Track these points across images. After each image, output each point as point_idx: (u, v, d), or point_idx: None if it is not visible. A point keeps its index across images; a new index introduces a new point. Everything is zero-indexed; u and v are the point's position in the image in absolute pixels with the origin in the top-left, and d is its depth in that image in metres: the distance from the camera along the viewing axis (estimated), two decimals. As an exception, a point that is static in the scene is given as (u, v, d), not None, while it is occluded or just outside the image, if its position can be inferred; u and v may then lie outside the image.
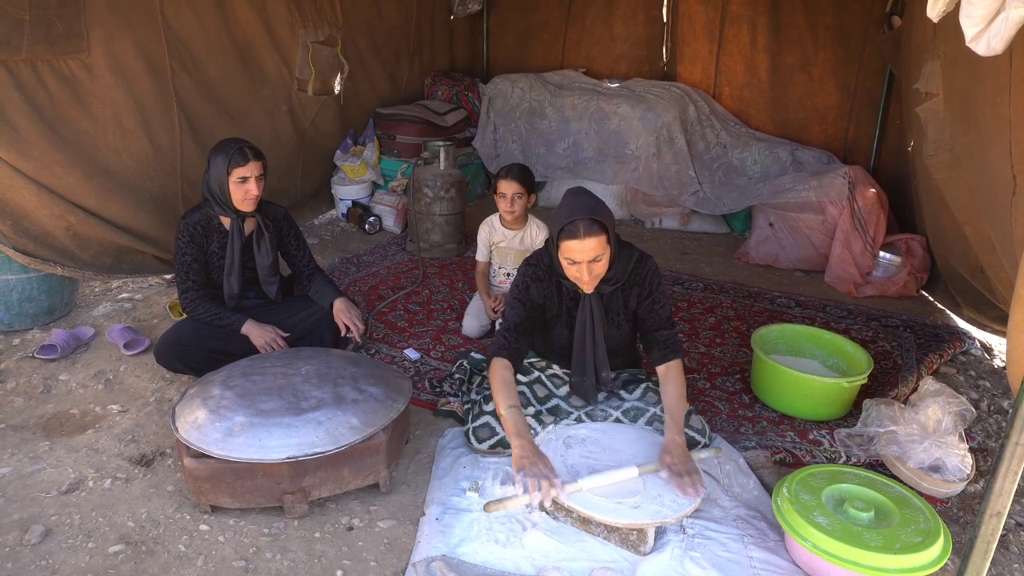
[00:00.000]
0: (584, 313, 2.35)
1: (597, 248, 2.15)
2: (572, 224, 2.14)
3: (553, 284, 2.39)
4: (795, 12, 4.94)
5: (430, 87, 5.70)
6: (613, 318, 2.41)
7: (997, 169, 2.28)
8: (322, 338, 2.94)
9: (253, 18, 3.94)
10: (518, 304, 2.38)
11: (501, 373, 2.26)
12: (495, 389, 2.24)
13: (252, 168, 2.71)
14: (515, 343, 2.34)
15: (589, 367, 2.42)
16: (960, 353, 3.36)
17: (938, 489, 2.31)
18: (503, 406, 2.18)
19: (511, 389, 2.23)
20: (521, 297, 2.38)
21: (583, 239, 2.13)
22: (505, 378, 2.24)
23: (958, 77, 2.81)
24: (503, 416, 2.18)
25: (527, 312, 2.38)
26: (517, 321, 2.36)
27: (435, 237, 4.39)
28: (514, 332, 2.35)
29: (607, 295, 2.37)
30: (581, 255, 2.16)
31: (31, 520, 2.12)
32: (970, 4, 1.41)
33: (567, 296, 2.41)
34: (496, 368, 2.28)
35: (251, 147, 2.75)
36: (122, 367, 2.99)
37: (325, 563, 2.00)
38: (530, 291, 2.38)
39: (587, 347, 2.38)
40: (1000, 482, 1.40)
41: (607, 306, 2.39)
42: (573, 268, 2.21)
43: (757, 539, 2.05)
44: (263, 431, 2.08)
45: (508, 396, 2.20)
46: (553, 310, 2.43)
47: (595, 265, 2.19)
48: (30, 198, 3.05)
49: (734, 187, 4.99)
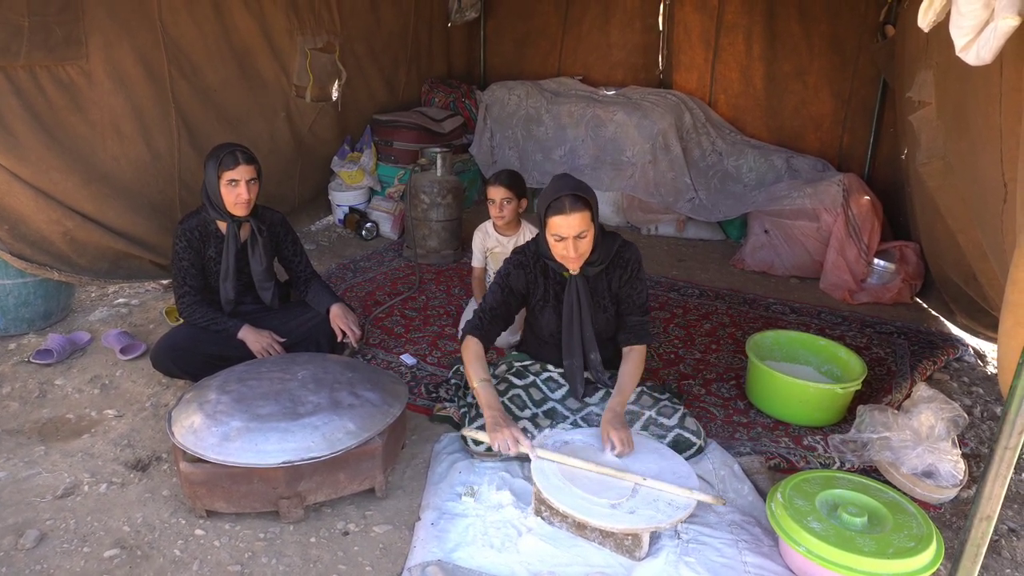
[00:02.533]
0: (571, 295, 2.45)
1: (582, 224, 2.26)
2: (558, 200, 2.26)
3: (539, 269, 2.51)
4: (790, 21, 4.97)
5: (427, 94, 5.71)
6: (599, 300, 2.50)
7: (988, 177, 2.30)
8: (319, 343, 2.94)
9: (251, 25, 3.96)
10: (497, 288, 2.52)
11: (474, 348, 2.43)
12: (467, 363, 2.42)
13: (242, 172, 2.71)
14: (488, 325, 2.50)
15: (576, 348, 2.50)
16: (954, 360, 3.38)
17: (931, 495, 2.32)
18: (476, 379, 2.35)
19: (482, 363, 2.41)
20: (501, 282, 2.52)
21: (568, 214, 2.24)
22: (477, 352, 2.43)
23: (950, 86, 2.83)
24: (475, 388, 2.35)
25: (504, 297, 2.51)
26: (494, 304, 2.51)
27: (432, 243, 4.40)
28: (488, 315, 2.50)
29: (592, 277, 2.46)
30: (568, 230, 2.26)
31: (26, 524, 2.12)
32: (960, 15, 1.43)
33: (554, 280, 2.50)
34: (469, 344, 2.45)
35: (243, 151, 2.75)
36: (118, 372, 2.99)
37: (321, 568, 2.01)
38: (511, 277, 2.51)
39: (574, 327, 2.48)
40: (990, 486, 1.42)
41: (593, 288, 2.49)
42: (560, 245, 2.31)
43: (751, 544, 2.05)
44: (259, 436, 2.09)
45: (480, 370, 2.38)
46: (539, 294, 2.53)
47: (581, 242, 2.30)
48: (27, 203, 3.06)
49: (730, 194, 5.01)
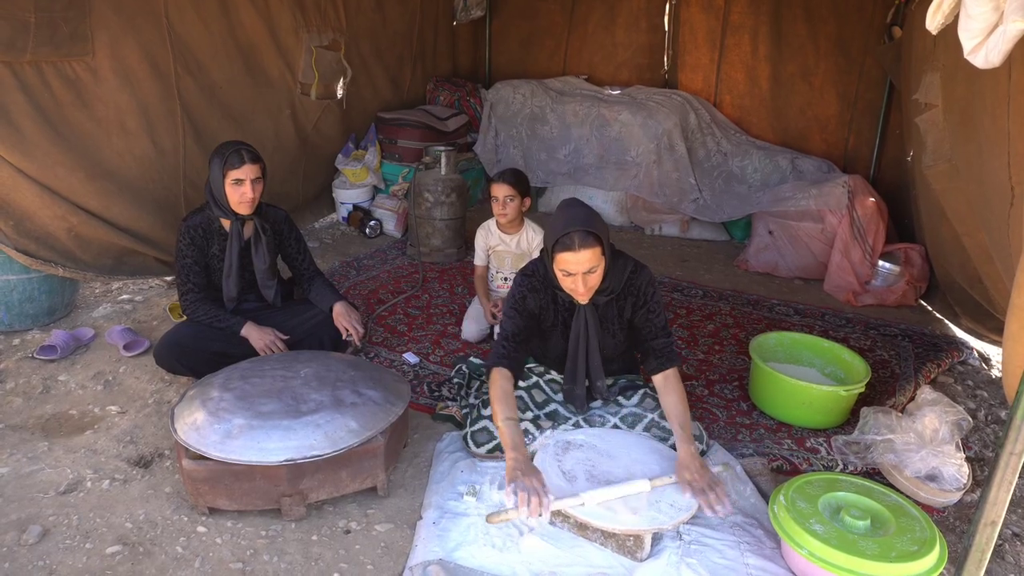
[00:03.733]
0: (579, 324, 2.35)
1: (592, 260, 2.15)
2: (567, 236, 2.13)
3: (548, 295, 2.40)
4: (796, 22, 4.96)
5: (432, 92, 5.71)
6: (608, 327, 2.42)
7: (995, 180, 2.29)
8: (322, 341, 2.94)
9: (257, 23, 3.96)
10: (515, 314, 2.38)
11: (501, 384, 2.25)
12: (494, 399, 2.23)
13: (247, 171, 2.70)
14: (514, 352, 2.34)
15: (580, 377, 2.42)
16: (958, 363, 3.37)
17: (935, 498, 2.31)
18: (500, 418, 2.17)
19: (510, 400, 2.22)
20: (518, 307, 2.38)
21: (577, 251, 2.12)
22: (505, 389, 2.24)
23: (957, 88, 2.82)
24: (500, 428, 2.18)
25: (524, 322, 2.38)
26: (515, 331, 2.36)
27: (435, 242, 4.40)
28: (512, 341, 2.35)
29: (602, 305, 2.38)
30: (576, 267, 2.15)
31: (29, 520, 2.12)
32: (968, 17, 1.42)
33: (562, 307, 2.41)
34: (496, 378, 2.27)
35: (248, 150, 2.74)
36: (121, 368, 3.00)
37: (322, 566, 2.01)
38: (526, 301, 2.39)
39: (579, 357, 2.39)
40: (995, 491, 1.41)
41: (602, 316, 2.40)
42: (568, 280, 2.21)
43: (754, 546, 2.05)
44: (262, 433, 2.09)
45: (506, 408, 2.19)
46: (548, 320, 2.44)
47: (590, 277, 2.18)
48: (32, 199, 3.06)
49: (734, 195, 5.00)
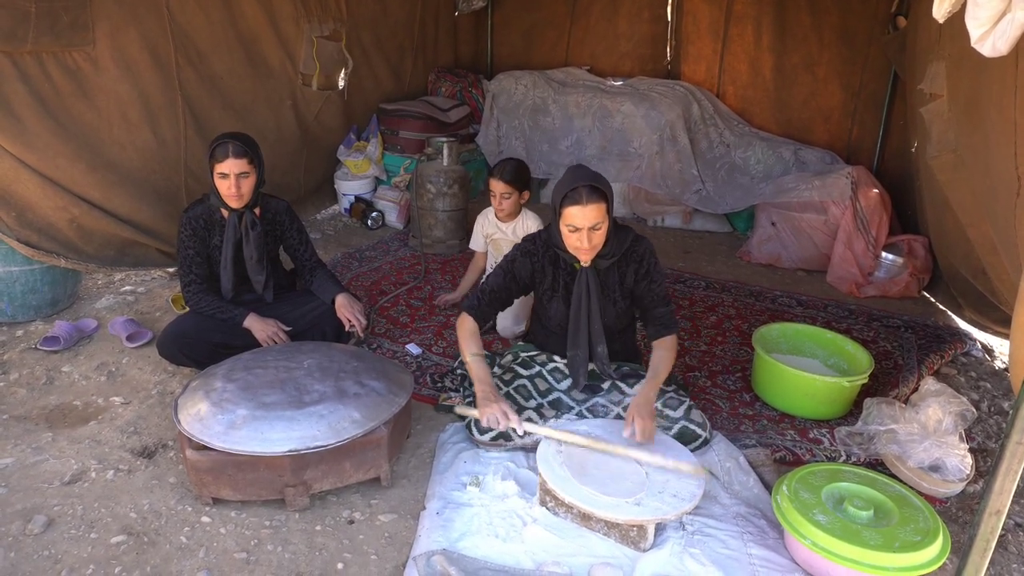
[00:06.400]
0: (580, 286, 2.43)
1: (597, 215, 2.23)
2: (575, 191, 2.23)
3: (547, 259, 2.50)
4: (800, 12, 4.94)
5: (434, 83, 5.69)
6: (609, 294, 2.48)
7: (1001, 171, 2.28)
8: (324, 333, 2.94)
9: (258, 13, 3.95)
10: (500, 272, 2.54)
11: (468, 326, 2.49)
12: (461, 338, 2.47)
13: (231, 165, 2.65)
14: (485, 307, 2.54)
15: (583, 339, 2.48)
16: (961, 354, 3.36)
17: (937, 489, 2.31)
18: (468, 353, 2.43)
19: (476, 339, 2.47)
20: (506, 267, 2.54)
21: (585, 205, 2.21)
22: (472, 329, 2.48)
23: (963, 78, 2.81)
24: (468, 362, 2.42)
25: (505, 282, 2.53)
26: (494, 287, 2.53)
27: (437, 233, 4.39)
28: (487, 296, 2.54)
29: (603, 270, 2.44)
30: (583, 221, 2.23)
31: (34, 510, 2.13)
32: (976, 5, 1.41)
33: (564, 271, 2.49)
34: (464, 321, 2.50)
35: (236, 144, 2.67)
36: (124, 359, 3.00)
37: (326, 556, 2.01)
38: (516, 263, 2.52)
39: (582, 319, 2.46)
40: (1000, 480, 1.41)
41: (603, 281, 2.47)
42: (573, 236, 2.28)
43: (757, 536, 2.05)
44: (265, 424, 2.09)
45: (473, 345, 2.44)
46: (547, 284, 2.52)
47: (595, 233, 2.27)
48: (34, 190, 3.06)
49: (737, 186, 4.99)
